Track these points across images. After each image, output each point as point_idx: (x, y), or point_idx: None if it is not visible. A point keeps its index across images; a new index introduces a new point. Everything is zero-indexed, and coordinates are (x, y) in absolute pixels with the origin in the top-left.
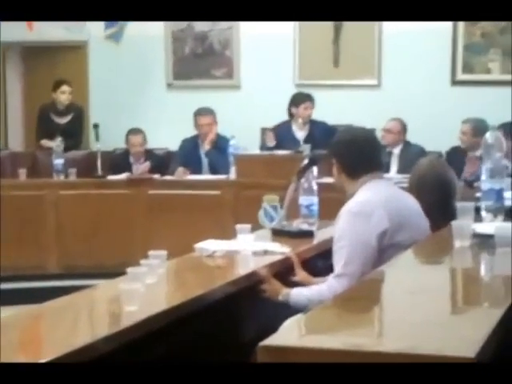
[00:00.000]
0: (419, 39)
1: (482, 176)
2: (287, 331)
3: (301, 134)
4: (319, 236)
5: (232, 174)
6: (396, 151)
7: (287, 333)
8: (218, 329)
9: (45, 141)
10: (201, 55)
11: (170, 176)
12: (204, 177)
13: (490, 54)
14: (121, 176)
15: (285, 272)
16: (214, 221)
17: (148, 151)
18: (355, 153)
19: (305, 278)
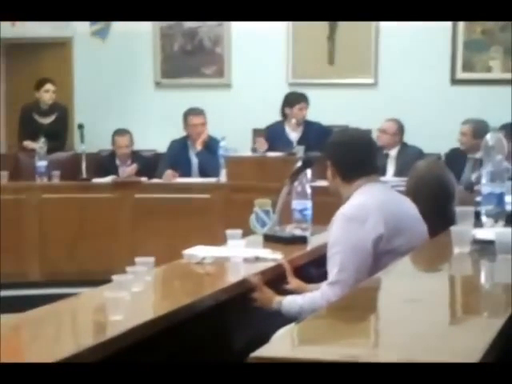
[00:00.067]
0: (417, 36)
1: (483, 179)
2: (279, 342)
3: (294, 135)
4: (313, 242)
5: (222, 177)
6: (393, 153)
7: (279, 343)
8: (208, 339)
9: (27, 142)
10: (190, 52)
11: (158, 179)
12: (193, 180)
13: (491, 52)
14: (106, 179)
15: (277, 279)
16: (204, 226)
17: (135, 153)
18: (350, 155)
19: (298, 286)
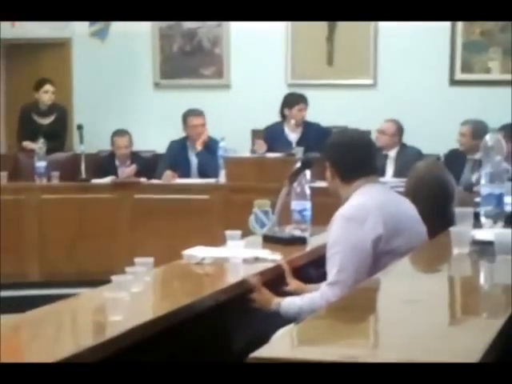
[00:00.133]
0: (416, 37)
1: (482, 180)
2: (279, 342)
3: (293, 136)
4: (312, 243)
5: (221, 178)
6: (392, 154)
7: (279, 344)
8: (207, 339)
9: (27, 142)
10: (189, 53)
11: (157, 180)
12: (192, 181)
13: (490, 53)
14: (106, 179)
15: (277, 280)
16: (203, 226)
17: (134, 154)
18: (349, 156)
19: (298, 287)
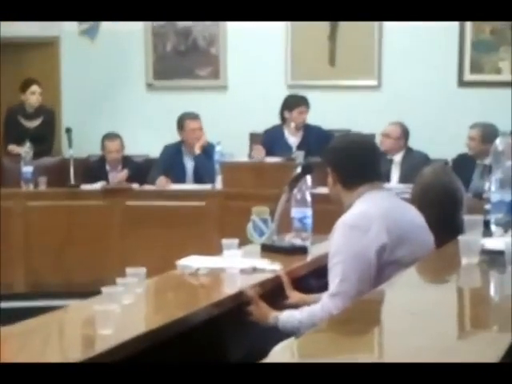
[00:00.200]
0: (423, 36)
1: (492, 186)
2: (278, 356)
3: (294, 140)
4: (313, 252)
5: (218, 184)
6: (397, 158)
7: (278, 358)
8: (202, 354)
9: (12, 146)
10: (184, 53)
11: (150, 185)
12: (187, 186)
13: (501, 53)
14: (96, 185)
15: (276, 291)
16: (198, 235)
17: (126, 158)
18: (351, 161)
19: (299, 300)
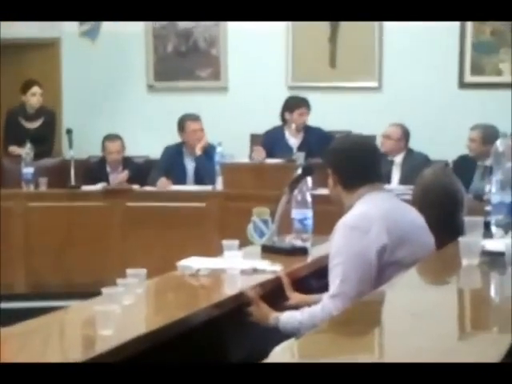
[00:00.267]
0: (424, 37)
1: (492, 188)
2: (278, 357)
3: (294, 141)
4: (314, 253)
5: (218, 185)
6: (398, 160)
7: (278, 359)
8: (202, 354)
9: (13, 147)
10: (184, 54)
11: (151, 186)
12: (188, 188)
13: (501, 54)
14: (96, 186)
15: (277, 292)
16: (199, 236)
17: (126, 159)
18: (352, 162)
19: (301, 300)
